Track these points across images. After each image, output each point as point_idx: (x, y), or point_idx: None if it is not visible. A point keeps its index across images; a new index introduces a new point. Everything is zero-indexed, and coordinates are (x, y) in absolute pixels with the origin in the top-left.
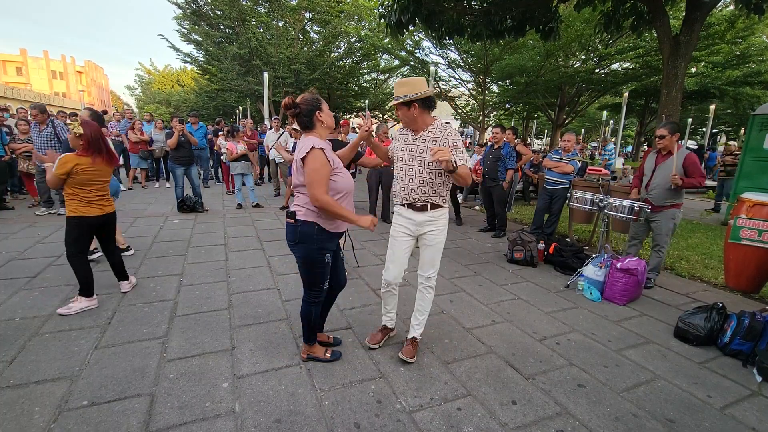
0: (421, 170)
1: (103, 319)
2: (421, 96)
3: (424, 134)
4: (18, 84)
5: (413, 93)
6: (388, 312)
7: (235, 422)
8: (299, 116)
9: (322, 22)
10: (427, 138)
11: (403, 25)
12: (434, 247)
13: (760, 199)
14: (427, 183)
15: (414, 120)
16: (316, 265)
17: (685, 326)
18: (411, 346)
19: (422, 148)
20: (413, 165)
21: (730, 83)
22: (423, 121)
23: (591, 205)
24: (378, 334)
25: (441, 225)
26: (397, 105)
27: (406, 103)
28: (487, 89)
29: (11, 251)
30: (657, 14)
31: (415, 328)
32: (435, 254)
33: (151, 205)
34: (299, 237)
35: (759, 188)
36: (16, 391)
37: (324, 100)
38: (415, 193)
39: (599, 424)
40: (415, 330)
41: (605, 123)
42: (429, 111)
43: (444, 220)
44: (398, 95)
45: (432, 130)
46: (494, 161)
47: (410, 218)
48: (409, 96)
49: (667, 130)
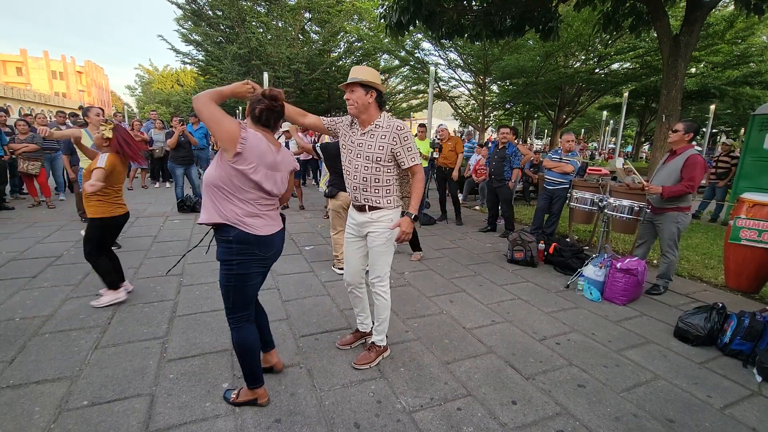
0: (367, 167)
1: (103, 319)
2: (380, 88)
3: (372, 128)
4: (18, 84)
5: (375, 81)
6: (358, 314)
7: (235, 422)
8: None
9: (321, 21)
10: (375, 133)
11: (404, 26)
12: (374, 250)
13: (760, 199)
14: (370, 182)
15: (367, 108)
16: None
17: (685, 326)
18: (366, 352)
19: (370, 144)
20: (360, 161)
21: (730, 83)
22: (372, 114)
23: (591, 205)
24: (349, 336)
25: (380, 227)
26: (354, 86)
27: (365, 86)
28: (487, 89)
29: (11, 251)
30: (657, 14)
31: (374, 333)
32: (375, 258)
33: (151, 205)
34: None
35: (759, 188)
36: (16, 391)
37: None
38: (357, 191)
39: (599, 424)
40: (374, 336)
41: (605, 123)
42: (380, 108)
43: (384, 222)
44: (359, 77)
45: (380, 124)
46: (500, 161)
47: (353, 217)
48: (369, 80)
49: (681, 126)
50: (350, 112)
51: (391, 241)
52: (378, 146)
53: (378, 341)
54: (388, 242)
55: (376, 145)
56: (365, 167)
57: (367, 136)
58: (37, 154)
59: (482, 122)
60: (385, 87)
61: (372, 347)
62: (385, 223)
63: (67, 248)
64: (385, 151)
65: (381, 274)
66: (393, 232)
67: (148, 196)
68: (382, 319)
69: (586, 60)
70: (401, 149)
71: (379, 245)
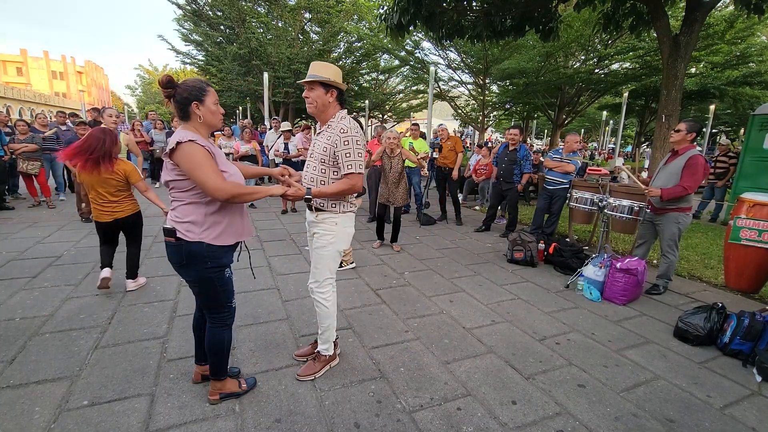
0: (315, 168)
1: (103, 319)
2: (341, 87)
3: (324, 128)
4: (18, 84)
5: (335, 79)
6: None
7: (236, 422)
8: (174, 101)
9: (321, 22)
10: (324, 133)
11: (404, 26)
12: (315, 252)
13: (759, 199)
14: (316, 183)
15: (326, 107)
16: (215, 284)
17: (685, 326)
18: (312, 362)
19: (319, 144)
20: (311, 161)
21: (729, 83)
22: (330, 113)
23: (591, 205)
24: (307, 347)
25: (323, 229)
26: (314, 84)
27: (325, 85)
28: (486, 89)
29: (12, 251)
30: (657, 14)
31: (318, 342)
32: (316, 261)
33: (152, 205)
34: (186, 258)
35: (759, 188)
36: (17, 391)
37: (214, 91)
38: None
39: (599, 423)
40: (319, 344)
41: (605, 123)
42: (340, 105)
43: (327, 224)
44: (318, 74)
45: (331, 124)
46: (510, 164)
47: (306, 216)
48: (331, 79)
49: (684, 125)
50: (309, 111)
51: (333, 246)
52: (323, 147)
53: (323, 350)
54: (330, 246)
55: (322, 145)
56: (313, 167)
57: (320, 135)
58: (36, 154)
59: (482, 122)
60: (345, 85)
61: (318, 357)
62: (328, 225)
63: (68, 248)
64: (328, 152)
65: (319, 279)
66: (336, 236)
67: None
68: (325, 327)
69: (585, 60)
70: (340, 153)
71: (320, 247)
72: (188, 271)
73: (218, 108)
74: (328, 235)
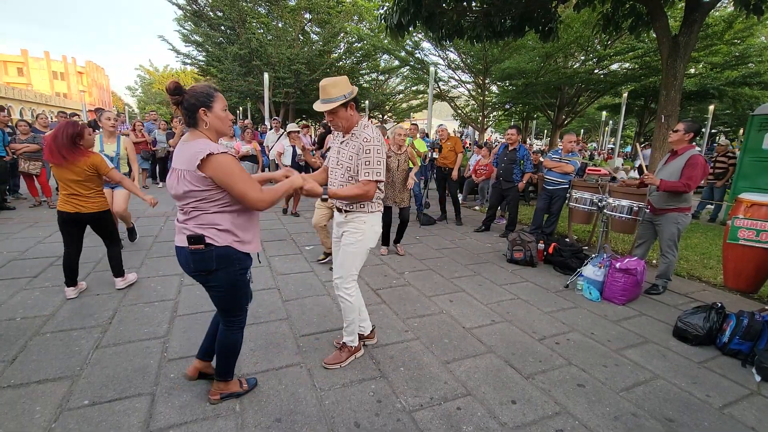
0: (342, 175)
1: (104, 319)
2: (354, 94)
3: (349, 137)
4: (19, 84)
5: (348, 92)
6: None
7: (236, 422)
8: (182, 107)
9: (321, 22)
10: (350, 142)
11: (404, 27)
12: (344, 249)
13: (758, 199)
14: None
15: (350, 121)
16: (240, 286)
17: (684, 326)
18: (338, 352)
19: (345, 152)
20: (339, 170)
21: (729, 84)
22: (354, 121)
23: (590, 205)
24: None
25: (352, 227)
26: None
27: (344, 104)
28: (486, 90)
29: (12, 251)
30: (656, 15)
31: (344, 334)
32: (343, 258)
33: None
34: (217, 263)
35: (758, 188)
36: (17, 390)
37: (222, 96)
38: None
39: (599, 423)
40: (344, 336)
41: (605, 123)
42: (358, 109)
43: (356, 223)
44: (333, 96)
45: (355, 132)
46: (509, 163)
47: (335, 218)
48: (347, 96)
49: (682, 125)
50: (336, 131)
51: (362, 243)
52: (349, 156)
53: (349, 342)
54: (359, 243)
55: (348, 154)
56: (341, 175)
57: (345, 144)
58: (37, 155)
59: (482, 123)
60: (355, 88)
61: (343, 347)
62: (357, 224)
63: None
64: (353, 161)
65: (344, 275)
66: (365, 234)
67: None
68: (349, 321)
69: (585, 61)
70: (360, 161)
71: (348, 245)
72: (217, 275)
73: (227, 114)
74: (357, 233)
